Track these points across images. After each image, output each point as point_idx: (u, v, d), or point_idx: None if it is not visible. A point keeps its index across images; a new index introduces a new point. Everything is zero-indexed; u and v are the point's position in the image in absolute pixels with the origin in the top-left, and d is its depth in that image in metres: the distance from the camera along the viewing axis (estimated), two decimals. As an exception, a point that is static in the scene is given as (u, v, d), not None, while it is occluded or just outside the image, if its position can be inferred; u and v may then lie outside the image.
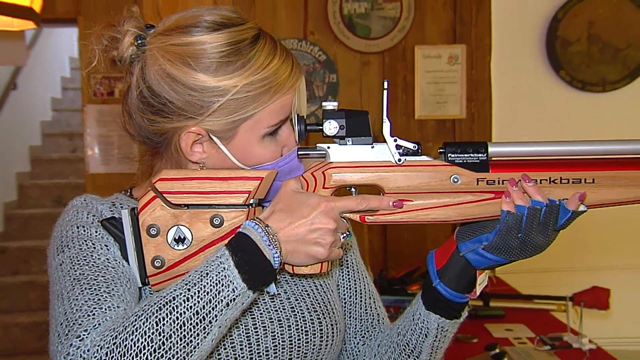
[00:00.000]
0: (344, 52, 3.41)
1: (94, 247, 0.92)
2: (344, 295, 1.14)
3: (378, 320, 1.15)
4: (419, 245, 3.38)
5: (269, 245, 0.85)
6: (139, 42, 0.97)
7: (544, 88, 3.38)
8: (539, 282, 2.76)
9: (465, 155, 0.92)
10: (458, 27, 3.41)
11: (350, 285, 1.15)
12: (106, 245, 0.93)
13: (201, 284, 0.82)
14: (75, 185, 5.06)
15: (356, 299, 1.14)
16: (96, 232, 0.94)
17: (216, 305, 0.81)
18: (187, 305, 0.80)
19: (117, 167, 3.66)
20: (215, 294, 0.82)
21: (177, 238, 0.92)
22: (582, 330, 2.20)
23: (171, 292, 0.82)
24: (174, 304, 0.80)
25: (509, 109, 3.40)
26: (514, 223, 0.89)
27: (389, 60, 3.42)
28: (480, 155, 0.92)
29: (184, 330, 0.80)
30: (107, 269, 0.90)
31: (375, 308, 1.16)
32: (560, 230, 0.91)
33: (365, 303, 1.15)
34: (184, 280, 0.83)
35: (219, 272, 0.83)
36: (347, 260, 1.16)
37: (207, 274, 0.83)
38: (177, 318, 0.80)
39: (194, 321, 0.80)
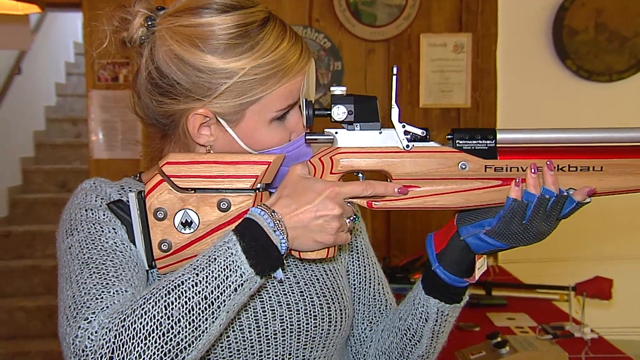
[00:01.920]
0: (349, 39, 3.39)
1: (102, 231, 0.92)
2: (354, 280, 1.14)
3: (386, 307, 1.15)
4: (422, 234, 3.35)
5: (276, 231, 0.86)
6: (149, 23, 0.97)
7: (549, 78, 3.37)
8: (541, 272, 2.76)
9: (474, 141, 0.92)
10: (464, 15, 3.39)
11: (360, 271, 1.15)
12: (114, 229, 0.93)
13: (209, 269, 0.82)
14: (79, 171, 5.07)
15: (365, 284, 1.15)
16: (104, 215, 0.94)
17: (224, 290, 0.82)
18: (196, 290, 0.81)
19: (121, 153, 3.66)
20: (224, 279, 0.82)
21: (184, 222, 0.92)
22: (584, 320, 2.21)
23: (179, 277, 0.82)
24: (182, 288, 0.81)
25: (514, 98, 3.39)
26: (519, 210, 0.89)
27: (394, 48, 3.40)
28: (488, 141, 0.92)
29: (193, 314, 0.80)
30: (115, 253, 0.90)
31: (384, 294, 1.16)
32: (563, 219, 0.91)
33: (373, 289, 1.15)
34: (191, 264, 0.84)
35: (227, 258, 0.83)
36: (356, 246, 1.16)
37: (215, 259, 0.83)
38: (186, 302, 0.80)
39: (203, 306, 0.81)
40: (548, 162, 0.89)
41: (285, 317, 0.99)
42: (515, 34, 3.38)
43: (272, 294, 1.00)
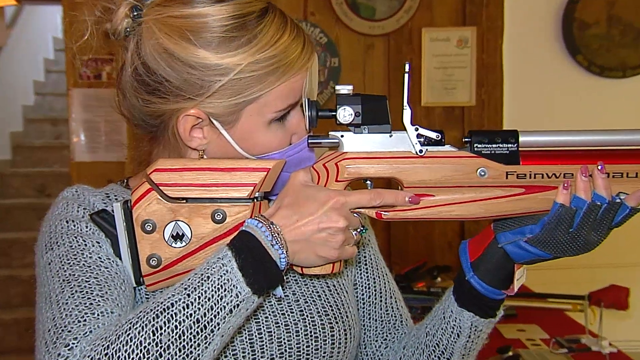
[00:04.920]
0: (347, 34, 3.37)
1: (85, 245, 0.90)
2: (363, 294, 1.12)
3: (401, 322, 1.13)
4: (425, 240, 3.36)
5: (274, 245, 0.83)
6: (135, 13, 0.94)
7: (559, 73, 3.35)
8: (553, 280, 2.73)
9: (494, 145, 0.90)
10: (468, 7, 3.38)
11: (369, 284, 1.13)
12: (98, 242, 0.91)
13: (201, 289, 0.80)
14: (60, 174, 5.04)
15: (376, 298, 1.12)
16: (87, 227, 0.92)
17: (218, 313, 0.79)
18: (187, 312, 0.78)
19: (105, 155, 3.62)
20: (217, 300, 0.79)
21: (174, 235, 0.90)
22: (602, 333, 2.18)
23: (169, 298, 0.79)
24: (172, 311, 0.78)
25: (521, 95, 3.38)
26: (566, 217, 0.86)
27: (394, 43, 3.39)
28: (510, 145, 0.89)
29: (183, 340, 0.77)
30: (100, 269, 0.87)
31: (398, 308, 1.14)
32: (615, 227, 0.88)
33: (385, 303, 1.13)
34: (182, 284, 0.81)
35: (221, 276, 0.80)
36: (364, 257, 1.14)
37: (208, 277, 0.80)
38: (176, 327, 0.77)
39: (194, 330, 0.78)
40: (600, 166, 0.87)
41: (284, 339, 0.96)
42: (523, 28, 3.37)
43: (269, 314, 0.97)
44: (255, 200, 0.91)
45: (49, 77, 6.20)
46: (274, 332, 0.96)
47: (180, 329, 0.77)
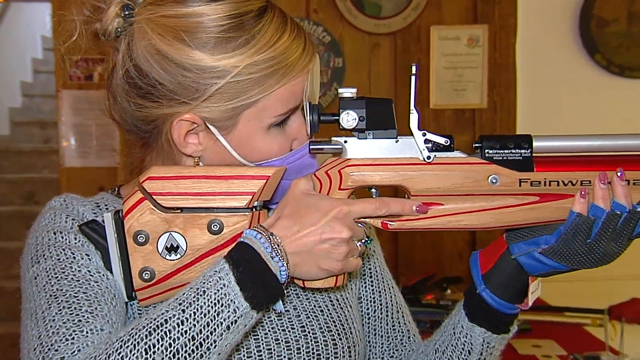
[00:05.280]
0: (351, 33, 3.38)
1: (74, 257, 0.90)
2: (368, 309, 1.12)
3: (408, 337, 1.13)
4: (434, 250, 3.36)
5: (274, 258, 0.83)
6: (126, 13, 0.94)
7: (576, 74, 3.36)
8: (570, 293, 2.72)
9: (506, 151, 0.90)
10: (479, 4, 3.38)
11: (374, 298, 1.13)
12: (87, 255, 0.91)
13: (197, 304, 0.80)
14: (49, 180, 5.04)
15: (381, 313, 1.12)
16: (76, 238, 0.92)
17: (215, 329, 0.79)
18: (182, 329, 0.78)
19: (96, 161, 3.63)
20: (214, 316, 0.79)
21: (169, 246, 0.90)
22: (623, 349, 2.17)
23: (163, 314, 0.79)
24: (166, 327, 0.78)
25: (536, 97, 3.38)
26: (584, 227, 0.86)
27: (401, 42, 3.39)
28: (523, 151, 0.90)
29: (178, 358, 0.77)
30: (89, 283, 0.87)
31: (405, 323, 1.14)
32: (636, 238, 0.89)
33: (392, 317, 1.13)
34: (177, 299, 0.81)
35: (218, 290, 0.80)
36: (369, 269, 1.14)
37: (204, 291, 0.80)
38: (170, 345, 0.77)
39: (190, 348, 0.78)
40: (619, 173, 0.87)
41: (284, 357, 0.96)
42: (537, 26, 3.37)
43: (269, 330, 0.97)
44: (253, 209, 0.91)
45: (37, 78, 6.21)
46: (274, 350, 0.96)
47: (174, 347, 0.77)
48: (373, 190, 0.93)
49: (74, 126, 3.66)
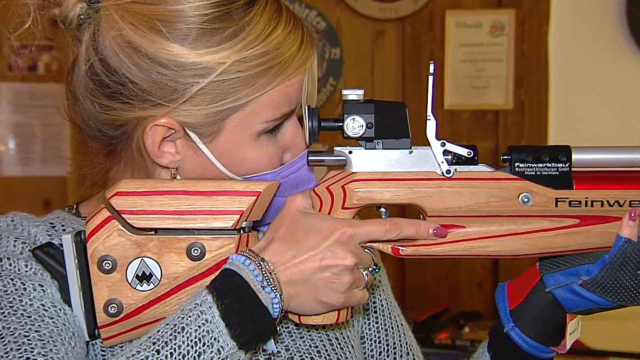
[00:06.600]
0: (351, 18, 3.40)
1: (25, 289, 0.90)
2: (372, 350, 1.14)
3: None
4: (448, 279, 3.36)
5: (265, 288, 0.85)
6: None
7: (621, 69, 3.36)
8: (614, 334, 2.74)
9: (540, 165, 0.92)
10: (505, -15, 3.41)
11: (379, 337, 1.14)
12: (41, 285, 0.92)
13: (175, 344, 0.81)
14: (-18, 192, 5.02)
15: (388, 355, 1.14)
16: (27, 266, 0.93)
17: None
18: None
19: (41, 169, 3.63)
20: (195, 357, 0.80)
21: (140, 275, 0.91)
22: (675, 400, 2.19)
23: (133, 356, 0.80)
24: None
25: (572, 97, 3.39)
26: (634, 255, 0.88)
27: (410, 30, 3.41)
28: (560, 165, 0.91)
29: None
30: (43, 320, 0.88)
31: None
32: None
33: None
34: (150, 337, 0.82)
35: (200, 326, 0.82)
36: (374, 303, 1.16)
37: (183, 328, 0.82)
38: None
39: None
40: None
41: None
42: (575, 10, 3.39)
43: None
44: (241, 231, 0.92)
45: (-30, 68, 6.21)
46: None
47: None
48: (382, 209, 0.94)
49: (15, 126, 3.66)
